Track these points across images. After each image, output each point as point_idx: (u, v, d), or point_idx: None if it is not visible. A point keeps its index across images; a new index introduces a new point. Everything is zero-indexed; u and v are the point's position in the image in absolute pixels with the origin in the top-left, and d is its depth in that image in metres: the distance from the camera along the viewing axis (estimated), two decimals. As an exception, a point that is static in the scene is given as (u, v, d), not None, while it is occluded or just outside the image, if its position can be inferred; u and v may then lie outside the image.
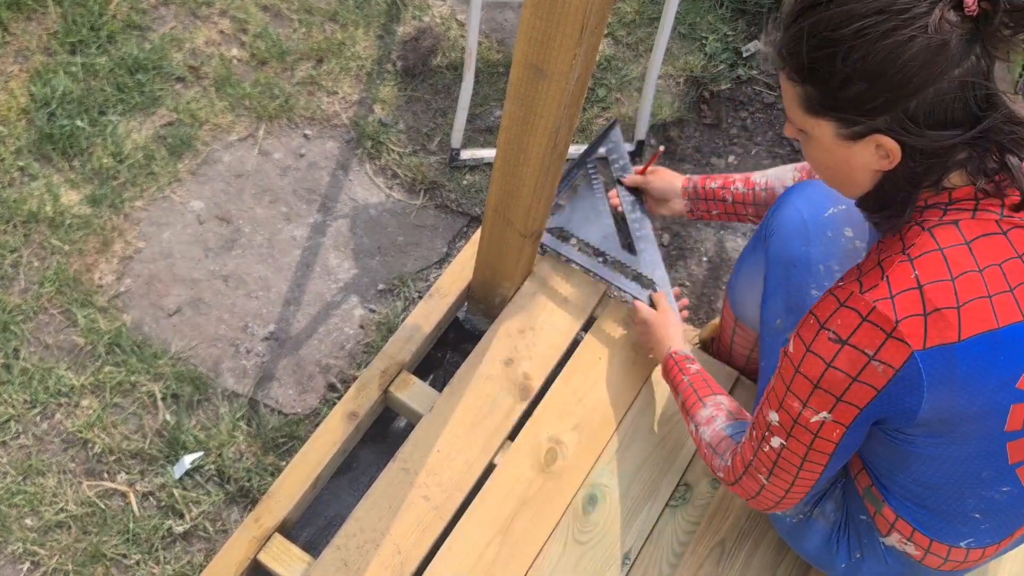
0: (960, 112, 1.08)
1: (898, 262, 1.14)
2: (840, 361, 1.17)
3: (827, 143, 1.18)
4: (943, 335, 1.12)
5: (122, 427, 1.95)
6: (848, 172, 1.20)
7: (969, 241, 1.14)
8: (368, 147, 2.39)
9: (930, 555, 1.40)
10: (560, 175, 1.66)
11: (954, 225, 1.15)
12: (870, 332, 1.14)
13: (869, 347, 1.14)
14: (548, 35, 1.26)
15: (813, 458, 1.29)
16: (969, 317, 1.12)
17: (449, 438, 1.80)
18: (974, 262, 1.13)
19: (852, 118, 1.13)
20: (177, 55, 2.42)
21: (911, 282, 1.13)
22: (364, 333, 2.15)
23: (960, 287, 1.12)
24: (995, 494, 1.30)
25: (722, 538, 1.76)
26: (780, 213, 1.62)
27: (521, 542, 1.72)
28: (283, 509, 1.73)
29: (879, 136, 1.12)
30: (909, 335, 1.12)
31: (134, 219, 2.19)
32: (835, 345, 1.16)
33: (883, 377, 1.15)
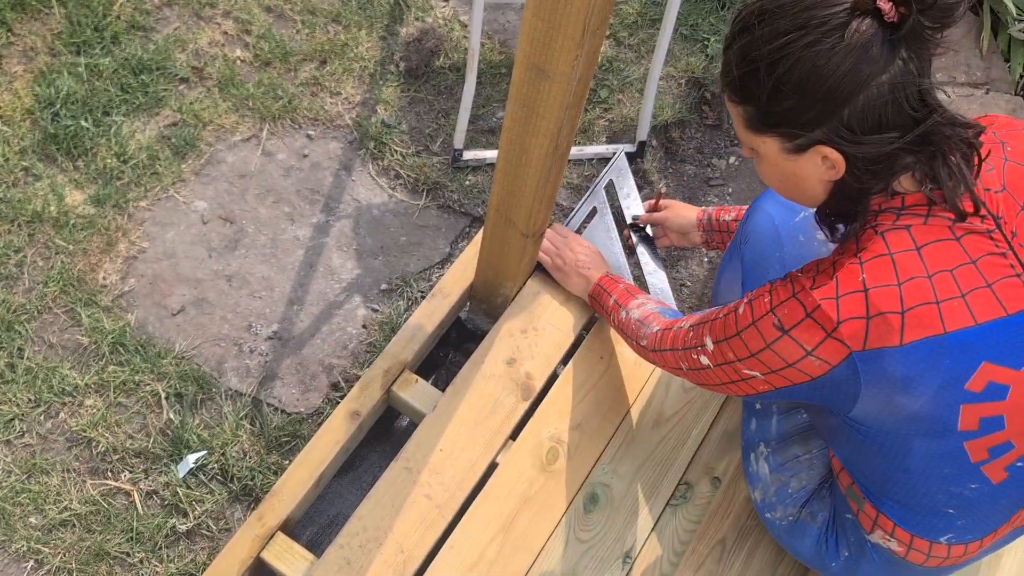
0: (895, 115, 1.11)
1: (848, 264, 1.17)
2: (779, 347, 1.21)
3: (774, 158, 1.22)
4: (884, 339, 1.14)
5: (126, 426, 1.96)
6: (798, 184, 1.24)
7: (920, 247, 1.16)
8: (371, 148, 2.40)
9: (913, 551, 1.41)
10: (562, 176, 1.67)
11: (906, 230, 1.17)
12: (811, 329, 1.17)
13: (808, 343, 1.18)
14: (550, 36, 1.27)
15: (733, 389, 1.35)
16: (913, 323, 1.14)
17: (451, 437, 1.81)
18: (923, 268, 1.15)
19: (792, 132, 1.16)
20: (181, 56, 2.43)
21: (858, 285, 1.15)
22: (367, 333, 2.16)
23: (906, 293, 1.14)
24: (964, 490, 1.30)
25: (723, 537, 1.77)
26: (753, 219, 1.64)
27: (523, 540, 1.72)
28: (286, 508, 1.74)
29: (821, 147, 1.15)
30: (849, 336, 1.15)
31: (138, 219, 2.20)
32: (777, 332, 1.20)
33: (819, 370, 1.19)
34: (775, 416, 1.59)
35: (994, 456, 1.25)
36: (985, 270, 1.16)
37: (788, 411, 1.58)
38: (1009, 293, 1.17)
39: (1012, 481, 1.30)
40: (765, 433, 1.60)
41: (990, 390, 1.19)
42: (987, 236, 1.17)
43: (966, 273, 1.16)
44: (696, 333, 1.39)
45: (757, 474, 1.62)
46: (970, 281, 1.16)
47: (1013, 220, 1.19)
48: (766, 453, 1.59)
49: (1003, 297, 1.16)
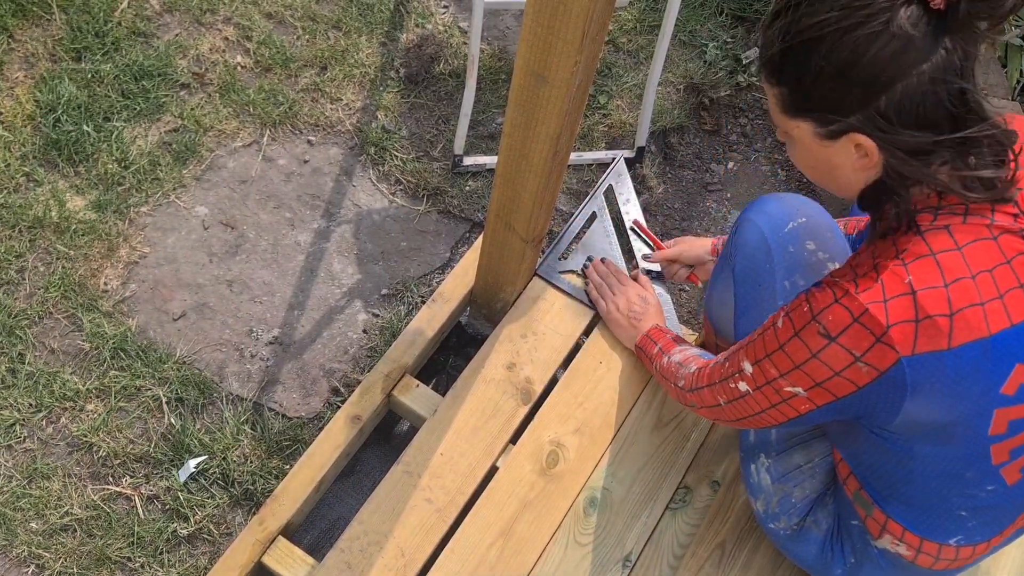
0: (934, 110, 1.08)
1: (892, 266, 1.14)
2: (825, 355, 1.17)
3: (808, 143, 1.19)
4: (933, 342, 1.11)
5: (127, 431, 1.96)
6: (831, 171, 1.21)
7: (961, 247, 1.13)
8: (371, 153, 2.41)
9: (922, 554, 1.41)
10: (561, 181, 1.68)
11: (945, 230, 1.14)
12: (859, 334, 1.13)
13: (856, 348, 1.14)
14: (550, 42, 1.28)
15: (773, 415, 1.32)
16: (961, 325, 1.11)
17: (452, 441, 1.82)
18: (967, 268, 1.13)
19: (826, 117, 1.13)
20: (182, 62, 2.44)
21: (904, 287, 1.12)
22: (367, 337, 2.17)
23: (953, 295, 1.11)
24: (980, 492, 1.30)
25: (722, 540, 1.77)
26: (741, 232, 1.62)
27: (523, 544, 1.73)
28: (287, 512, 1.74)
29: (855, 135, 1.12)
30: (898, 341, 1.11)
31: (139, 224, 2.21)
32: (823, 340, 1.16)
33: (866, 376, 1.15)
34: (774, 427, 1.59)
35: (1014, 457, 1.25)
36: (1019, 270, 1.15)
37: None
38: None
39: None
40: (765, 444, 1.60)
41: (1021, 393, 1.18)
42: (1019, 236, 1.16)
43: (1003, 273, 1.14)
44: (732, 361, 1.36)
45: (759, 485, 1.61)
46: (1007, 281, 1.14)
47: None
48: (767, 464, 1.59)
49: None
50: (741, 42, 2.83)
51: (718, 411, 1.44)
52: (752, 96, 2.77)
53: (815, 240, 1.55)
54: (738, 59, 2.79)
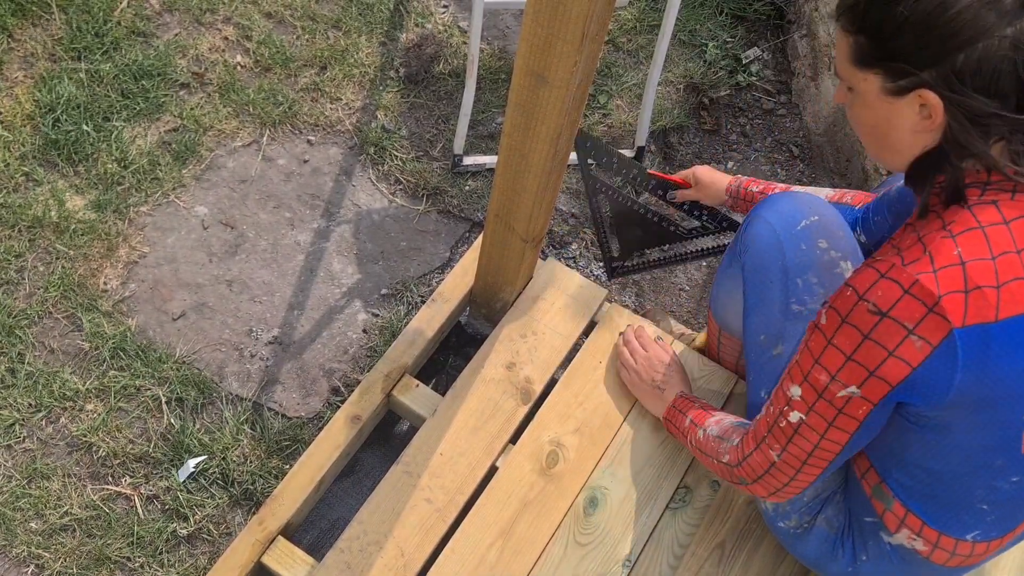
0: (1008, 79, 1.07)
1: (940, 238, 1.13)
2: (878, 333, 1.14)
3: (872, 98, 1.18)
4: (982, 314, 1.11)
5: (127, 431, 1.96)
6: (890, 132, 1.19)
7: (1008, 221, 1.13)
8: (371, 153, 2.41)
9: (938, 550, 1.41)
10: (561, 181, 1.68)
11: (993, 205, 1.13)
12: (911, 305, 1.12)
13: (909, 320, 1.12)
14: (549, 42, 1.28)
15: (832, 436, 1.27)
16: (1008, 298, 1.11)
17: (452, 441, 1.81)
18: (1013, 243, 1.12)
19: (899, 68, 1.12)
20: (181, 61, 2.44)
21: (954, 258, 1.11)
22: (367, 337, 2.16)
23: (1000, 267, 1.11)
24: (1004, 484, 1.30)
25: (722, 540, 1.77)
26: (752, 228, 1.62)
27: (523, 544, 1.73)
28: (287, 512, 1.74)
29: (924, 91, 1.11)
30: (950, 311, 1.10)
31: (139, 224, 2.21)
32: (874, 317, 1.14)
33: (920, 353, 1.13)
34: None
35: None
36: None
37: None
38: None
39: None
40: None
41: None
42: None
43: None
44: (775, 402, 1.34)
45: None
46: None
47: None
48: None
49: None
50: (741, 42, 2.83)
51: (773, 474, 1.39)
52: (752, 96, 2.77)
53: (827, 238, 1.55)
54: (738, 59, 2.79)
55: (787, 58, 2.85)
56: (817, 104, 2.66)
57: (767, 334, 1.59)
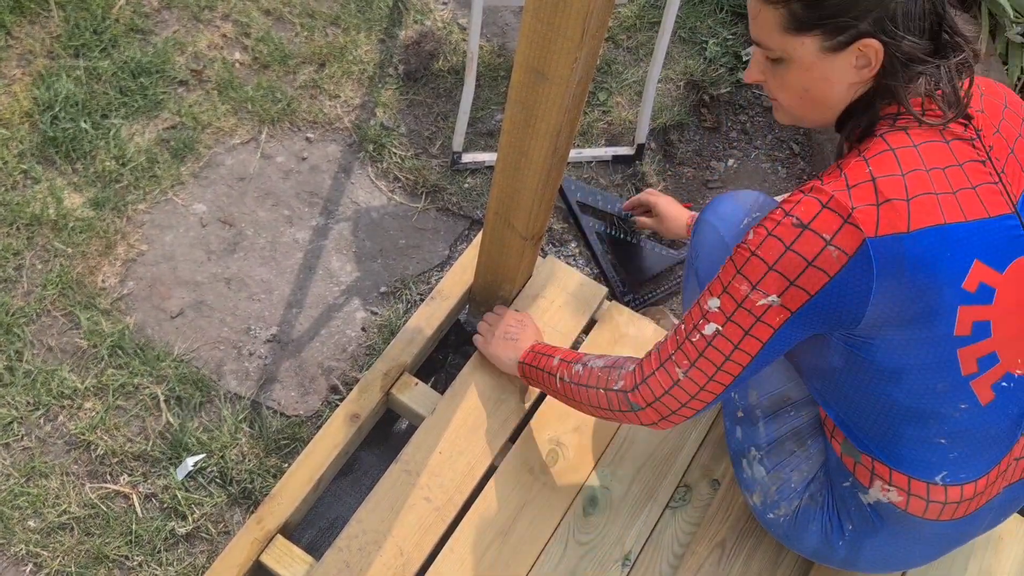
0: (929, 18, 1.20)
1: (854, 161, 1.23)
2: (799, 244, 1.21)
3: (809, 61, 1.25)
4: (893, 225, 1.19)
5: (125, 429, 1.96)
6: (825, 90, 1.27)
7: (917, 144, 1.23)
8: (370, 150, 2.40)
9: (913, 498, 1.41)
10: (561, 178, 1.67)
11: (903, 131, 1.24)
12: (829, 217, 1.20)
13: (826, 231, 1.20)
14: (549, 39, 1.27)
15: (745, 346, 1.30)
16: (917, 210, 1.19)
17: (451, 440, 1.81)
18: (921, 162, 1.22)
19: (840, 23, 1.20)
20: (179, 59, 2.43)
21: (866, 175, 1.21)
22: (366, 335, 2.16)
23: (910, 183, 1.20)
24: (954, 411, 1.33)
25: (722, 539, 1.77)
26: (698, 235, 1.65)
27: (522, 543, 1.72)
28: (285, 511, 1.74)
29: (864, 40, 1.20)
30: (863, 222, 1.18)
31: (137, 222, 2.20)
32: (796, 229, 1.22)
33: (836, 263, 1.20)
34: (761, 422, 1.59)
35: (982, 369, 1.30)
36: (970, 174, 1.25)
37: (775, 412, 1.57)
38: (990, 198, 1.25)
39: (999, 404, 1.33)
40: (754, 439, 1.60)
41: (981, 291, 1.25)
42: (970, 144, 1.27)
43: (955, 173, 1.24)
44: (688, 319, 1.36)
45: (753, 478, 1.61)
46: (958, 181, 1.23)
47: (990, 136, 1.29)
48: (759, 456, 1.59)
49: (985, 200, 1.24)
50: (741, 39, 2.82)
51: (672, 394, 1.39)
52: (752, 93, 2.76)
53: None
54: (738, 56, 2.78)
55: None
56: (817, 101, 2.66)
57: None
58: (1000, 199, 1.26)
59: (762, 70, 1.32)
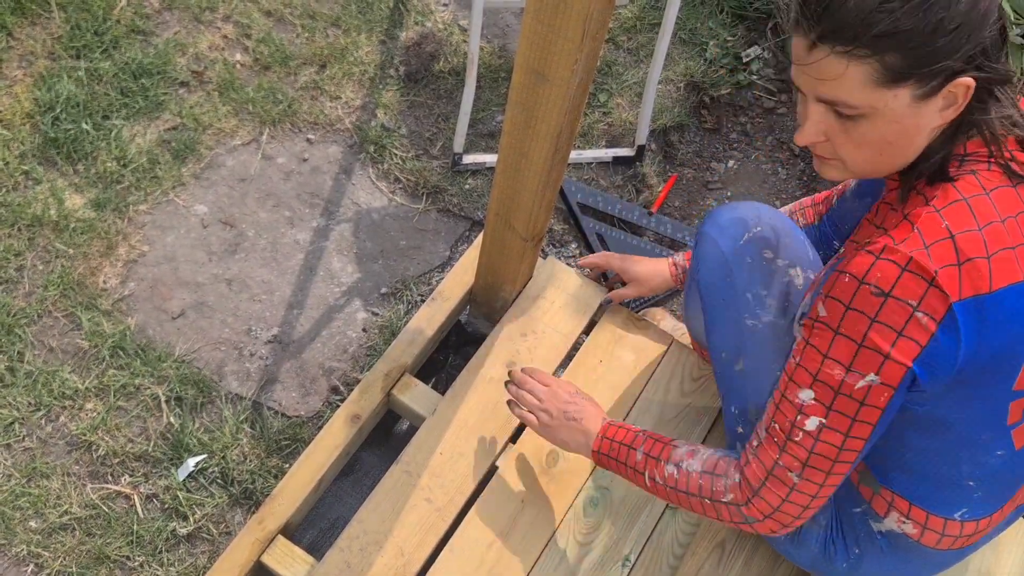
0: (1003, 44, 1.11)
1: (925, 213, 1.12)
2: (885, 314, 1.12)
3: (900, 113, 1.12)
4: (976, 285, 1.10)
5: (126, 430, 1.96)
6: (910, 140, 1.15)
7: (989, 191, 1.14)
8: (371, 151, 2.41)
9: (927, 531, 1.40)
10: (561, 179, 1.67)
11: (972, 175, 1.15)
12: (911, 282, 1.10)
13: (912, 297, 1.10)
14: (549, 40, 1.27)
15: (856, 432, 1.21)
16: (998, 268, 1.11)
17: (451, 441, 1.81)
18: (995, 212, 1.13)
19: (936, 70, 1.08)
20: (181, 60, 2.44)
21: (943, 232, 1.11)
22: (367, 336, 2.16)
23: (988, 238, 1.11)
24: (990, 458, 1.30)
25: (722, 539, 1.77)
26: (700, 247, 1.60)
27: (523, 544, 1.72)
28: (286, 511, 1.74)
29: (957, 80, 1.09)
30: (947, 285, 1.09)
31: (138, 223, 2.21)
32: (878, 298, 1.12)
33: (926, 331, 1.11)
34: None
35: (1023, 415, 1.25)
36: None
37: None
38: None
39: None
40: None
41: None
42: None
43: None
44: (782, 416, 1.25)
45: None
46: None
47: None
48: None
49: None
50: (741, 40, 2.82)
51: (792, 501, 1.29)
52: (752, 94, 2.77)
53: (772, 248, 1.53)
54: (738, 57, 2.79)
55: (787, 57, 2.85)
56: (818, 103, 2.66)
57: (727, 350, 1.57)
58: None
59: (823, 130, 1.17)
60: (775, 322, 1.52)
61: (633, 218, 2.42)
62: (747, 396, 1.55)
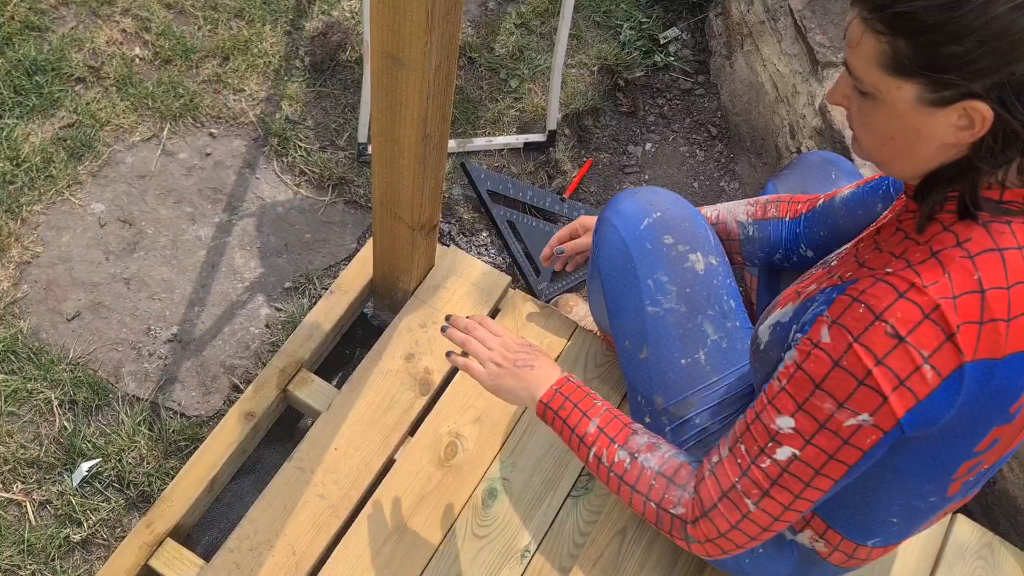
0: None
1: (958, 257, 1.03)
2: (893, 358, 1.03)
3: (902, 109, 1.03)
4: (991, 349, 1.03)
5: (18, 436, 1.91)
6: (913, 144, 1.06)
7: (1022, 246, 1.04)
8: (275, 144, 2.36)
9: (837, 552, 1.39)
10: (443, 167, 1.64)
11: (1007, 225, 1.04)
12: (930, 332, 1.02)
13: (926, 348, 1.02)
14: (397, 22, 1.24)
15: (829, 471, 1.12)
16: (1015, 334, 1.03)
17: (346, 435, 1.78)
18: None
19: (947, 80, 0.98)
20: (77, 56, 2.38)
21: (974, 284, 1.02)
22: (270, 332, 2.12)
23: (1014, 298, 1.03)
24: (922, 503, 1.26)
25: (623, 527, 1.75)
26: (599, 232, 1.57)
27: (419, 538, 1.70)
28: (176, 513, 1.70)
29: (974, 103, 0.97)
30: (964, 344, 1.02)
31: (32, 223, 2.15)
32: (892, 340, 1.03)
33: (929, 385, 1.04)
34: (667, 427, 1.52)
35: (968, 471, 1.20)
36: None
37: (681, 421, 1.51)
38: None
39: (959, 493, 1.26)
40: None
41: (1018, 412, 1.12)
42: None
43: None
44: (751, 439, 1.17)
45: None
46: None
47: None
48: None
49: None
50: (659, 22, 2.80)
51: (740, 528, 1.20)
52: (669, 76, 2.74)
53: (672, 233, 1.51)
54: (655, 40, 2.76)
55: (705, 37, 2.83)
56: (733, 83, 2.64)
57: (631, 339, 1.55)
58: None
59: (847, 95, 1.10)
60: (676, 309, 1.50)
61: (545, 204, 2.40)
62: (653, 385, 1.52)
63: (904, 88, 1.01)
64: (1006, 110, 0.97)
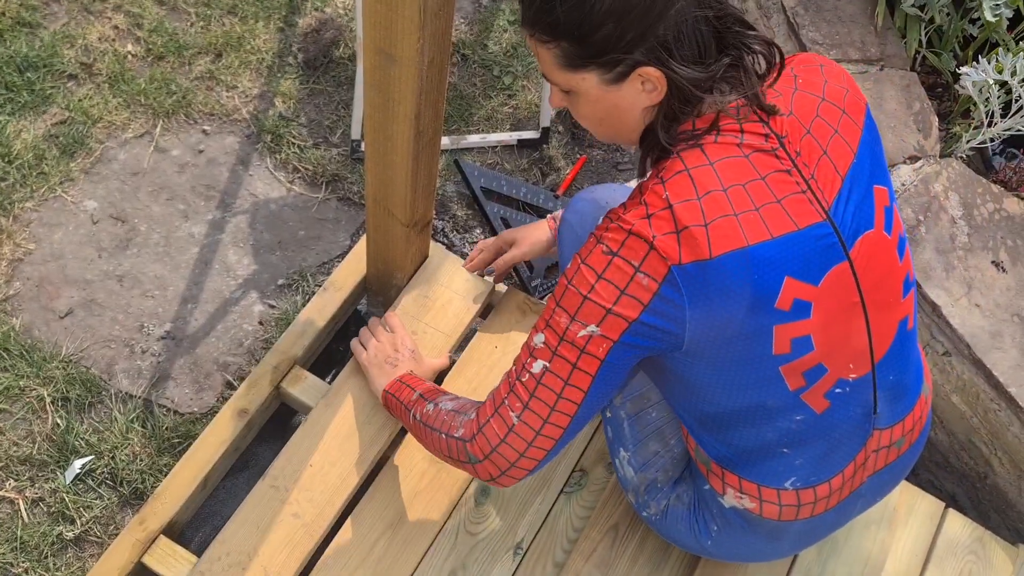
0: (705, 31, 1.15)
1: (653, 186, 1.20)
2: (610, 272, 1.19)
3: (596, 94, 1.22)
4: (695, 252, 1.16)
5: (10, 433, 1.91)
6: (620, 116, 1.25)
7: (713, 162, 1.19)
8: (268, 141, 2.36)
9: (765, 503, 1.41)
10: (436, 164, 1.64)
11: (699, 148, 1.20)
12: (635, 244, 1.18)
13: (634, 258, 1.18)
14: (390, 19, 1.24)
15: (575, 380, 1.25)
16: (716, 235, 1.16)
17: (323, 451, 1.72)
18: (718, 181, 1.18)
19: (611, 59, 1.16)
20: (69, 52, 2.37)
21: (663, 202, 1.18)
22: (263, 329, 2.12)
23: (706, 206, 1.17)
24: (791, 424, 1.32)
25: (615, 522, 1.75)
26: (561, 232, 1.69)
27: (412, 536, 1.69)
28: (170, 510, 1.69)
29: (643, 69, 1.16)
30: (665, 251, 1.16)
31: (24, 220, 2.15)
32: (607, 257, 1.19)
33: (647, 291, 1.18)
34: (625, 422, 1.58)
35: (810, 382, 1.28)
36: (774, 186, 1.20)
37: (637, 413, 1.57)
38: (797, 208, 1.20)
39: (836, 410, 1.32)
40: (621, 439, 1.60)
41: (796, 308, 1.21)
42: (772, 155, 1.21)
43: (757, 188, 1.19)
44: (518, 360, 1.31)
45: (626, 478, 1.61)
46: (761, 196, 1.19)
47: (798, 141, 1.23)
48: (627, 456, 1.59)
49: (792, 212, 1.20)
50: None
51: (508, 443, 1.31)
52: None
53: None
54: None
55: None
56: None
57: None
58: (809, 208, 1.21)
59: (561, 98, 1.29)
60: None
61: (539, 201, 2.40)
62: None
63: (587, 78, 1.20)
64: (664, 65, 1.15)
